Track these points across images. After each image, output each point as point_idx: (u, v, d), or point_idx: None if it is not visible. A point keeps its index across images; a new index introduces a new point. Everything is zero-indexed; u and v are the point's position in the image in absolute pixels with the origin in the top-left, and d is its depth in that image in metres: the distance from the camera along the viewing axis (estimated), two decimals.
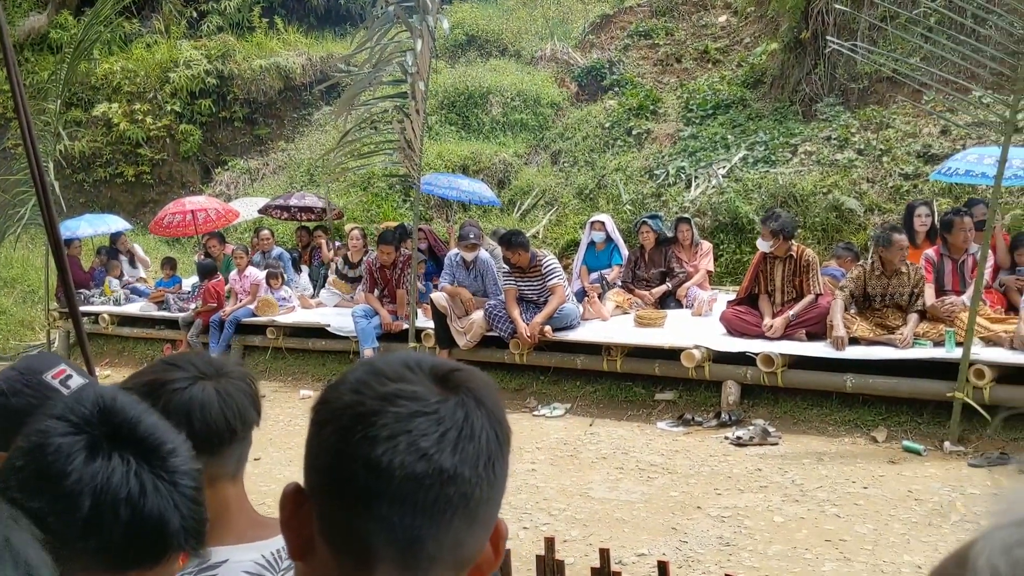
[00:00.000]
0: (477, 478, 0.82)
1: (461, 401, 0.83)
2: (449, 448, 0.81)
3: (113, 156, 18.22)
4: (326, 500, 0.83)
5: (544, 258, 8.40)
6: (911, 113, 11.41)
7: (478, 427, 0.83)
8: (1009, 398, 6.24)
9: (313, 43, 20.11)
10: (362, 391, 0.83)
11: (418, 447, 0.79)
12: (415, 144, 8.50)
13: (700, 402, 7.58)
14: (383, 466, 0.79)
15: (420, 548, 0.81)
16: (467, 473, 0.81)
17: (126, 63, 18.72)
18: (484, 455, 0.83)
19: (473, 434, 0.82)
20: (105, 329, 11.76)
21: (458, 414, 0.82)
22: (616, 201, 12.60)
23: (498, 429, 0.86)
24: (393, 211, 14.41)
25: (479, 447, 0.83)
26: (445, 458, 0.80)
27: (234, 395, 1.42)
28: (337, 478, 0.81)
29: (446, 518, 0.81)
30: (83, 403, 1.05)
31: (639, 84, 15.37)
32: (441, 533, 0.81)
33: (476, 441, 0.83)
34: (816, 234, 10.61)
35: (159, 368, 1.43)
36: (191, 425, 1.35)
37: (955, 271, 7.33)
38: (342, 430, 0.81)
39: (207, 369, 1.43)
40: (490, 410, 0.86)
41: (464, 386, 0.85)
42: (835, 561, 4.55)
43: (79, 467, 0.99)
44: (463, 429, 0.82)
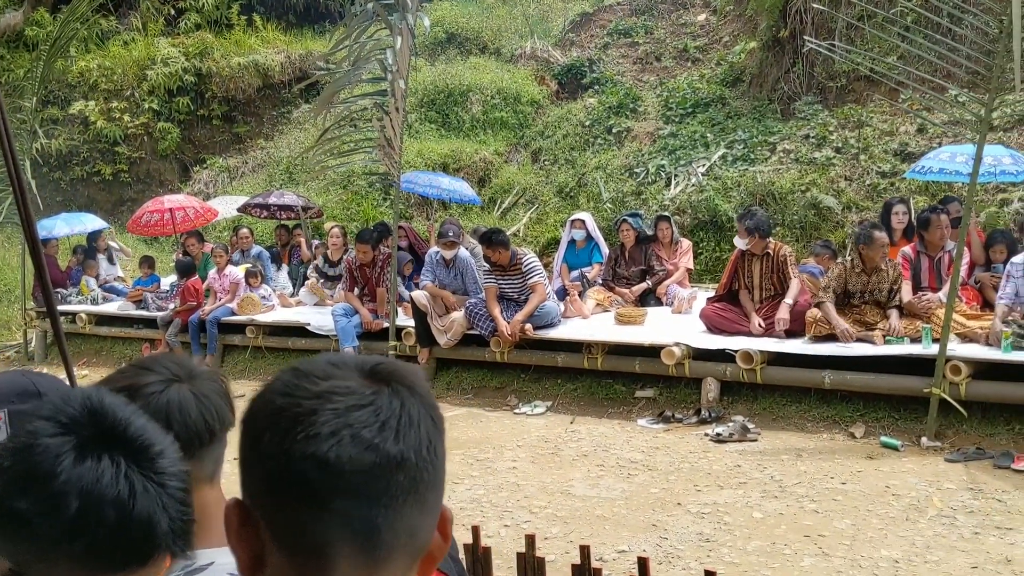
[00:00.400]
0: (422, 462, 0.84)
1: (394, 390, 0.85)
2: (392, 436, 0.82)
3: (90, 154, 18.08)
4: (277, 507, 0.83)
5: (524, 256, 8.40)
6: (888, 112, 11.50)
7: (415, 414, 0.85)
8: (985, 394, 6.30)
9: (292, 41, 20.03)
10: (294, 394, 0.83)
11: (362, 438, 0.80)
12: (395, 142, 8.48)
13: (680, 399, 7.61)
14: (331, 461, 0.79)
15: (378, 538, 0.82)
16: (413, 458, 0.83)
17: (103, 61, 18.57)
18: (425, 440, 0.85)
19: (412, 421, 0.84)
20: (83, 329, 11.67)
21: (394, 403, 0.84)
22: (596, 199, 12.63)
23: (433, 414, 0.87)
24: (373, 209, 14.37)
25: (419, 433, 0.84)
26: (390, 446, 0.81)
27: (210, 396, 1.41)
28: (287, 482, 0.81)
29: (398, 504, 0.82)
30: (71, 404, 1.04)
31: (619, 82, 15.41)
32: (396, 520, 0.82)
33: (416, 427, 0.84)
34: (795, 232, 10.67)
35: (131, 372, 1.42)
36: (170, 428, 1.34)
37: (932, 268, 7.40)
38: (283, 434, 0.81)
39: (179, 371, 1.42)
40: (422, 397, 0.87)
41: (393, 376, 0.86)
42: (814, 556, 4.58)
43: (68, 468, 0.97)
44: (401, 417, 0.83)
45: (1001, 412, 6.31)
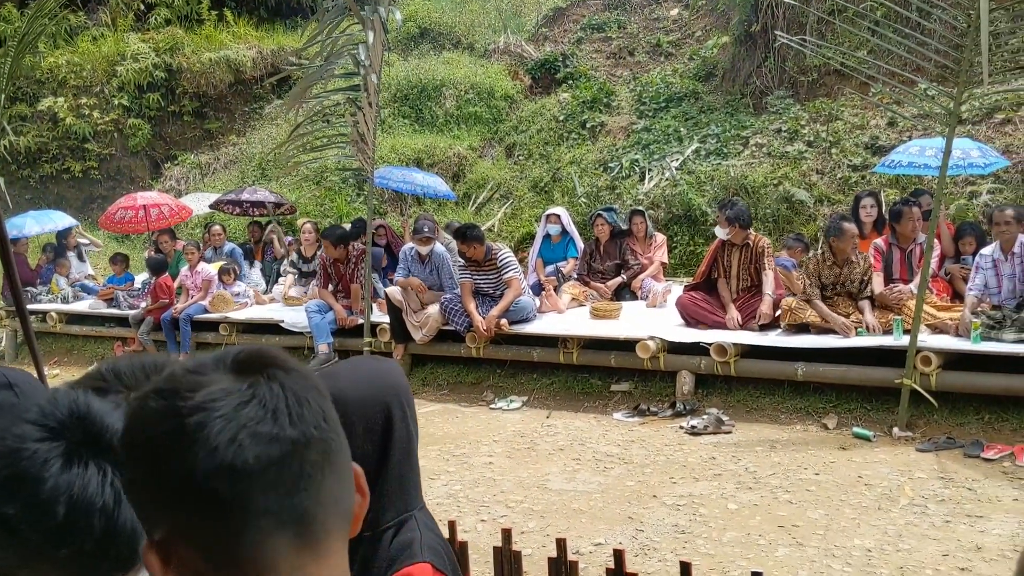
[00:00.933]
0: (325, 433, 0.83)
1: (267, 375, 0.82)
2: (287, 420, 0.80)
3: (59, 151, 17.85)
4: (199, 531, 0.79)
5: (499, 251, 8.40)
6: (859, 105, 11.59)
7: (299, 390, 0.83)
8: (955, 384, 6.38)
9: (264, 36, 19.86)
10: (172, 415, 0.79)
11: (261, 433, 0.78)
12: (368, 137, 8.45)
13: (655, 392, 7.65)
14: (239, 467, 0.77)
15: (310, 521, 0.81)
16: (316, 433, 0.82)
17: (72, 56, 18.33)
18: (319, 412, 0.84)
19: (299, 399, 0.82)
20: (53, 327, 11.54)
21: (274, 388, 0.82)
22: (571, 194, 12.64)
23: (315, 384, 0.86)
24: (347, 205, 14.30)
25: (311, 408, 0.83)
26: (290, 431, 0.80)
27: None
28: (201, 503, 0.78)
29: (318, 482, 0.82)
30: (59, 408, 1.02)
31: (593, 77, 15.43)
32: (321, 497, 0.82)
33: (306, 403, 0.83)
34: (767, 225, 10.74)
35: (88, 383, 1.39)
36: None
37: (903, 260, 7.47)
38: (180, 457, 0.77)
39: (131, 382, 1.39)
40: (298, 370, 0.86)
41: (260, 363, 0.84)
42: (788, 546, 4.62)
43: (55, 474, 0.96)
44: (288, 399, 0.81)
45: (971, 402, 6.40)
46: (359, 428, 1.54)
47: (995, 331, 6.43)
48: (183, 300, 10.44)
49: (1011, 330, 6.37)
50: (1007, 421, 6.20)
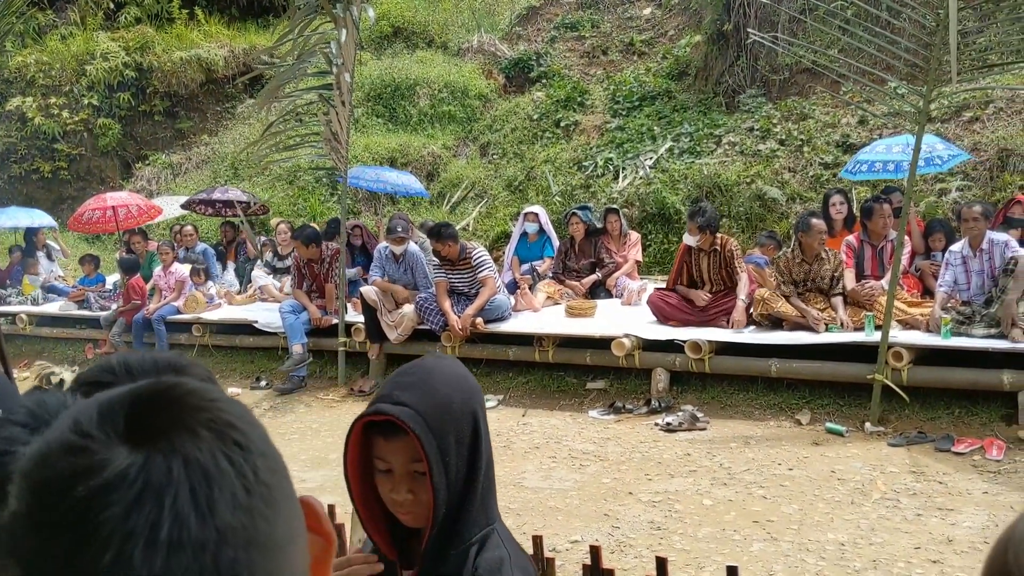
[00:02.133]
0: (247, 514, 0.61)
1: (167, 447, 0.60)
2: (193, 513, 0.58)
3: (28, 152, 17.63)
4: None
5: (474, 250, 8.39)
6: (830, 104, 11.69)
7: (208, 462, 0.61)
8: (926, 379, 6.45)
9: (235, 35, 19.71)
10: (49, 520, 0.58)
11: (159, 543, 0.57)
12: (341, 136, 8.42)
13: (630, 390, 7.68)
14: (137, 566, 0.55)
15: None
16: (232, 521, 0.60)
17: (40, 55, 18.11)
18: (238, 485, 0.61)
19: (209, 476, 0.60)
20: (23, 329, 11.40)
21: (175, 469, 0.59)
22: (546, 193, 12.65)
23: (234, 435, 0.64)
24: (320, 205, 14.24)
25: (226, 482, 0.61)
26: (196, 531, 0.58)
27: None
28: None
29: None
30: (47, 410, 1.01)
31: (566, 76, 15.45)
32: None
33: (219, 479, 0.61)
34: (740, 223, 10.81)
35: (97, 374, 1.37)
36: None
37: (874, 257, 7.55)
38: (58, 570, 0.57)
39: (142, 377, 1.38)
40: (208, 423, 0.63)
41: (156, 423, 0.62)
42: (763, 541, 4.65)
43: None
44: (192, 481, 0.59)
45: (941, 397, 6.47)
46: (451, 439, 1.46)
47: (965, 327, 6.51)
48: (156, 301, 10.34)
49: (980, 325, 6.45)
50: (977, 415, 6.28)
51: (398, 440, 1.45)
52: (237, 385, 9.17)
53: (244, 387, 9.08)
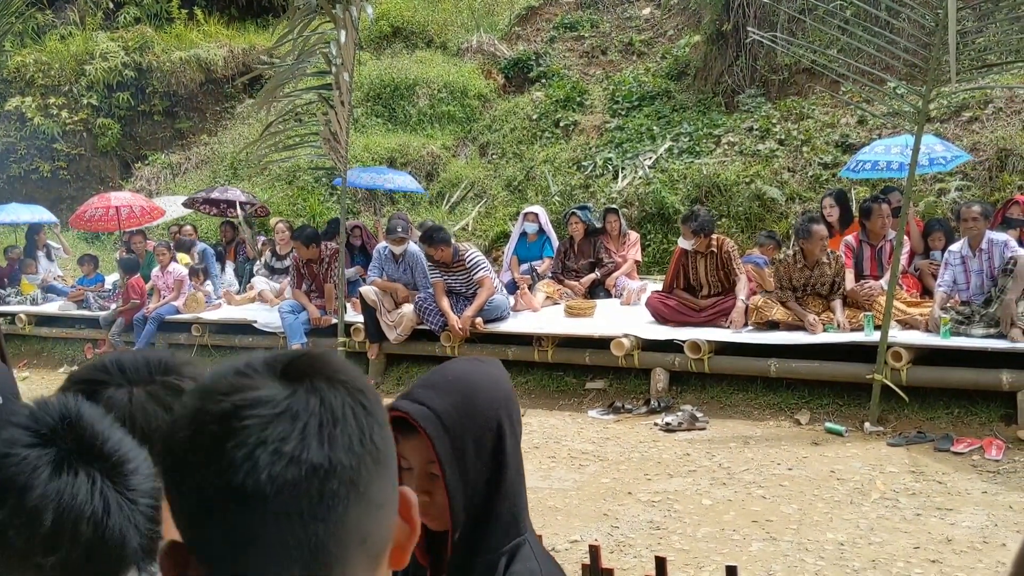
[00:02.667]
0: (357, 459, 0.75)
1: (310, 387, 0.76)
2: (315, 441, 0.73)
3: (27, 151, 17.62)
4: (209, 544, 0.75)
5: (467, 252, 8.36)
6: (829, 104, 11.70)
7: (339, 407, 0.76)
8: (925, 379, 6.45)
9: (235, 35, 19.71)
10: (201, 419, 0.74)
11: (282, 453, 0.72)
12: (341, 136, 8.41)
13: (630, 390, 7.68)
14: (250, 490, 0.71)
15: (323, 553, 0.75)
16: (344, 459, 0.75)
17: (39, 55, 18.11)
18: (356, 433, 0.76)
19: (336, 417, 0.75)
20: (23, 329, 11.39)
21: (312, 402, 0.75)
22: (545, 192, 12.65)
23: (363, 399, 0.79)
24: (320, 205, 14.24)
25: (348, 427, 0.76)
26: (314, 454, 0.73)
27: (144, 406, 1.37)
28: (211, 520, 0.74)
29: (339, 513, 0.74)
30: (49, 412, 1.01)
31: (565, 76, 15.45)
32: (339, 530, 0.75)
33: (343, 422, 0.76)
34: (740, 223, 10.81)
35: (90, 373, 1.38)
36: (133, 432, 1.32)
37: (873, 257, 7.55)
38: (195, 470, 0.73)
39: (133, 375, 1.38)
40: (347, 383, 0.79)
41: (309, 370, 0.78)
42: (762, 541, 4.65)
43: (44, 481, 0.94)
44: (323, 416, 0.75)
45: (940, 396, 6.47)
46: (470, 446, 1.42)
47: (964, 326, 6.51)
48: (155, 301, 10.34)
49: (979, 325, 6.45)
50: (976, 415, 6.28)
51: (414, 438, 1.43)
52: None
53: None
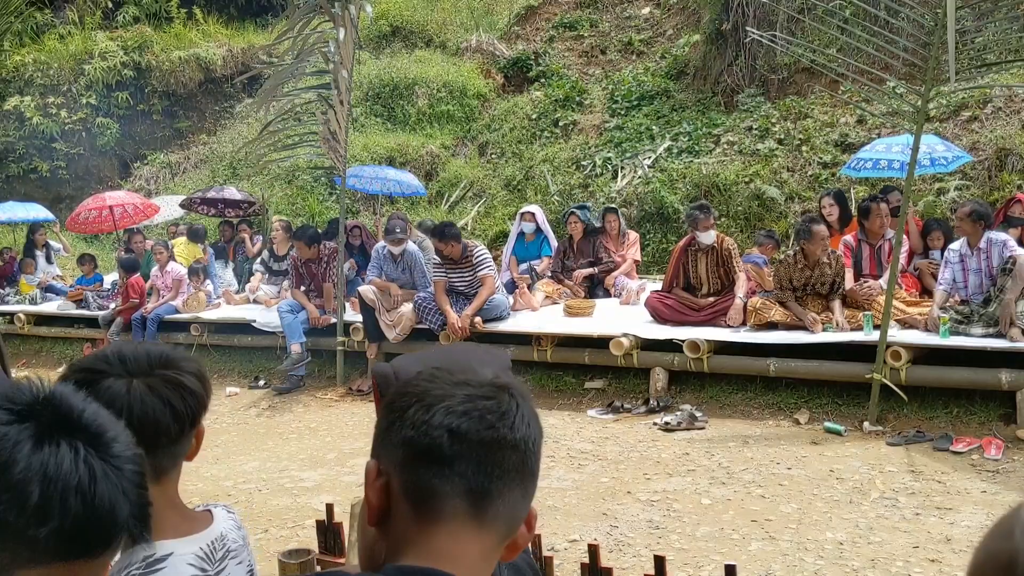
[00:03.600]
0: (529, 451, 1.06)
1: (511, 395, 1.06)
2: (508, 424, 1.03)
3: (26, 151, 17.63)
4: (411, 466, 1.02)
5: (475, 249, 8.39)
6: (829, 103, 11.69)
7: (527, 413, 1.07)
8: (924, 378, 6.45)
9: (234, 34, 19.71)
10: (438, 378, 1.05)
11: (486, 420, 1.02)
12: (340, 136, 8.41)
13: (629, 389, 7.67)
14: (461, 431, 1.01)
15: (487, 503, 1.02)
16: (523, 445, 1.04)
17: (38, 55, 18.11)
18: (533, 435, 1.07)
19: (525, 418, 1.06)
20: (21, 329, 11.39)
21: (512, 403, 1.05)
22: (544, 192, 12.66)
23: (538, 421, 1.10)
24: (319, 204, 14.24)
25: (529, 428, 1.06)
26: (507, 431, 1.03)
27: (143, 399, 1.38)
28: (423, 445, 1.01)
29: (508, 480, 1.03)
30: (22, 391, 1.02)
31: (565, 75, 15.45)
32: (505, 492, 1.03)
33: (527, 424, 1.06)
34: (739, 222, 10.81)
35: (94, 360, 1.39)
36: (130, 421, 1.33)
37: (872, 256, 7.55)
38: (426, 408, 1.02)
39: (133, 366, 1.39)
40: (531, 407, 1.09)
41: (512, 385, 1.08)
42: (761, 540, 4.65)
43: (27, 455, 0.95)
44: (517, 413, 1.05)
45: (940, 396, 6.47)
46: None
47: (963, 326, 6.51)
48: (154, 300, 10.34)
49: (979, 325, 6.45)
50: (975, 415, 6.28)
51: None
52: (236, 384, 9.17)
53: (243, 386, 9.08)
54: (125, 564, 1.35)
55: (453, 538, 1.02)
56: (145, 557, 1.35)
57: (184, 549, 1.40)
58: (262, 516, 5.48)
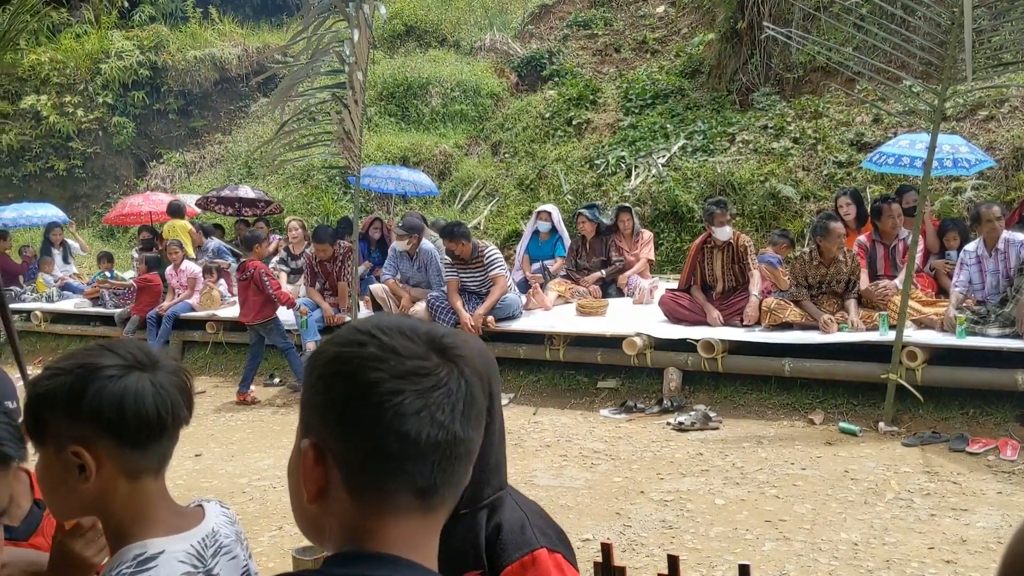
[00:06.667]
0: (476, 434, 1.03)
1: (460, 371, 1.01)
2: (459, 418, 0.99)
3: (43, 150, 17.75)
4: (357, 461, 0.98)
5: (486, 249, 8.40)
6: (844, 102, 11.64)
7: (476, 391, 1.02)
8: (940, 379, 6.41)
9: (249, 34, 19.80)
10: (383, 370, 0.97)
11: (437, 420, 0.97)
12: (354, 135, 8.42)
13: (642, 389, 7.66)
14: (411, 436, 0.96)
15: (435, 493, 1.00)
16: (472, 434, 1.02)
17: (55, 54, 18.23)
18: (479, 414, 1.04)
19: (473, 399, 1.02)
20: (38, 327, 11.47)
21: (461, 384, 1.00)
22: (557, 191, 12.65)
23: (483, 389, 1.05)
24: (333, 204, 14.27)
25: (478, 409, 1.03)
26: (458, 427, 0.99)
27: (168, 389, 1.40)
28: (369, 448, 0.96)
29: (455, 468, 1.01)
30: None
31: (578, 74, 15.43)
32: (452, 480, 1.01)
33: (475, 404, 1.02)
34: (754, 222, 10.77)
35: (95, 352, 1.40)
36: (122, 415, 1.33)
37: (887, 256, 7.51)
38: (374, 407, 0.96)
39: (144, 359, 1.40)
40: (478, 374, 1.04)
41: (457, 354, 1.02)
42: (775, 540, 4.64)
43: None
44: (466, 397, 1.00)
45: (955, 396, 6.44)
46: None
47: (979, 326, 6.47)
48: (169, 299, 10.39)
49: (995, 325, 6.41)
50: (991, 415, 6.24)
51: None
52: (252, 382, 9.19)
53: (258, 384, 9.10)
54: (116, 563, 1.35)
55: (403, 527, 1.00)
56: (136, 556, 1.35)
57: (175, 547, 1.40)
58: (276, 513, 5.50)
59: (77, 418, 1.30)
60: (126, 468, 1.36)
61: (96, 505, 1.37)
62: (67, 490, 1.35)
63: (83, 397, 1.32)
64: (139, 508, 1.38)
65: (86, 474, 1.33)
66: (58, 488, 1.35)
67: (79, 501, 1.37)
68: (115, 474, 1.36)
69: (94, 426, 1.33)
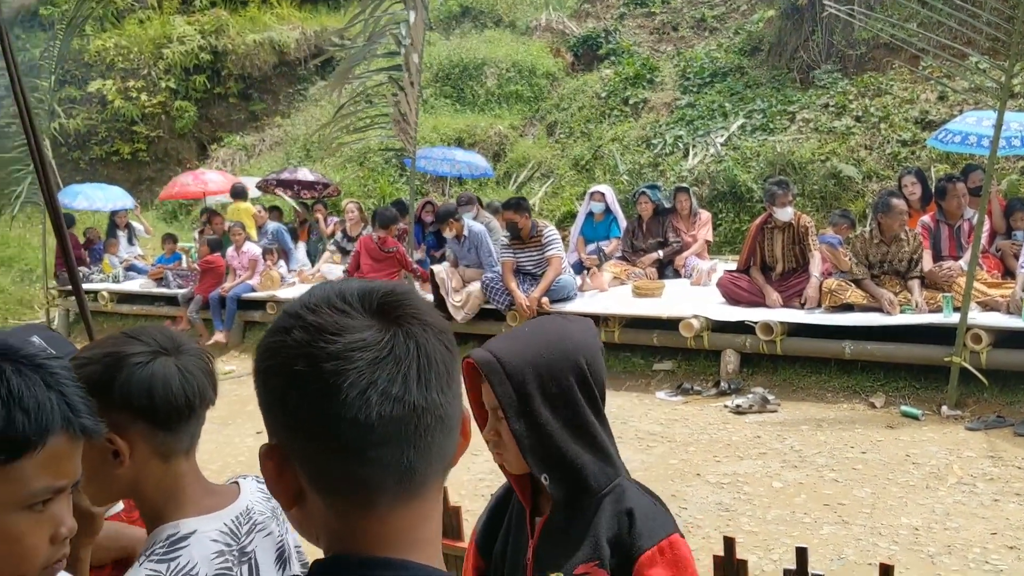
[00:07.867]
0: (444, 397, 0.88)
1: (407, 332, 0.87)
2: (415, 384, 0.85)
3: (109, 134, 18.16)
4: (315, 457, 0.86)
5: (545, 228, 8.39)
6: (908, 79, 11.37)
7: (432, 351, 0.88)
8: (1006, 362, 6.27)
9: (307, 17, 19.97)
10: (313, 355, 0.84)
11: (389, 394, 0.84)
12: (410, 117, 8.48)
13: (699, 371, 7.62)
14: (363, 421, 0.83)
15: (413, 473, 0.87)
16: (437, 398, 0.87)
17: (119, 39, 18.61)
18: (443, 374, 0.89)
19: (430, 360, 0.87)
20: (104, 307, 11.77)
21: (410, 347, 0.86)
22: (613, 172, 12.58)
23: (445, 340, 0.91)
24: (389, 186, 14.38)
25: (439, 370, 0.88)
26: (415, 396, 0.85)
27: (194, 372, 1.43)
28: (322, 440, 0.85)
29: (429, 439, 0.87)
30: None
31: (635, 53, 15.30)
32: (428, 453, 0.87)
33: (435, 365, 0.87)
34: (815, 202, 10.61)
35: (119, 341, 1.44)
36: (152, 400, 1.37)
37: (951, 236, 7.35)
38: (312, 399, 0.84)
39: (167, 344, 1.44)
40: (433, 325, 0.90)
41: (401, 311, 0.88)
42: (833, 524, 4.60)
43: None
44: (420, 360, 0.86)
45: (1021, 380, 6.29)
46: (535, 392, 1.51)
47: None
48: (230, 280, 10.59)
49: None
50: None
51: (484, 383, 1.54)
52: None
53: None
54: (151, 543, 1.39)
55: (386, 521, 0.88)
56: (169, 536, 1.38)
57: (208, 526, 1.43)
58: None
59: (109, 406, 1.33)
60: (159, 450, 1.40)
61: (132, 488, 1.41)
62: (104, 476, 1.39)
63: (113, 385, 1.36)
64: (172, 489, 1.42)
65: (120, 459, 1.37)
66: (95, 475, 1.38)
67: (116, 486, 1.41)
68: (148, 457, 1.40)
69: (126, 412, 1.36)
